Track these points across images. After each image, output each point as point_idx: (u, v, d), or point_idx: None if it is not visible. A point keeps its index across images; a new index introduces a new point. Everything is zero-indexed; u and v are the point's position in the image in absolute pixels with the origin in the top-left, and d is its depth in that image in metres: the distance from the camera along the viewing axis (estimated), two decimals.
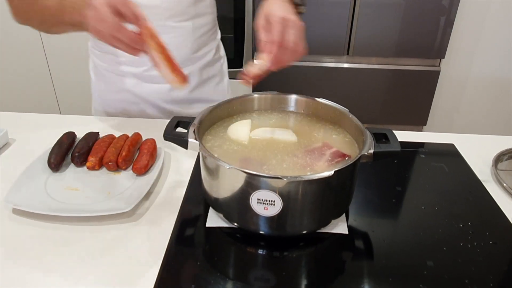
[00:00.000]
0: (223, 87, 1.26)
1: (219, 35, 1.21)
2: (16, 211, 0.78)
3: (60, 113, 2.40)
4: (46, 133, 1.01)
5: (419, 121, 2.38)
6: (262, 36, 0.80)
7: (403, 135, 1.07)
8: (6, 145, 1.00)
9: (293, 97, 0.90)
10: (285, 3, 0.82)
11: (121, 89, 1.15)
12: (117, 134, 0.97)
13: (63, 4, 0.82)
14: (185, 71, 1.09)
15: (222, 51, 1.25)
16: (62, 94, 2.34)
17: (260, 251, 0.72)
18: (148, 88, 1.12)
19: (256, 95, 0.90)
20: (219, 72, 1.23)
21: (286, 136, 0.82)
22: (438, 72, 2.22)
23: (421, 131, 2.41)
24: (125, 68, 1.11)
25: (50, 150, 0.90)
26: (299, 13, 0.86)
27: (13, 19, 0.93)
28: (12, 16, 0.93)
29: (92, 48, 1.18)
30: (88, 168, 0.88)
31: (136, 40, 0.73)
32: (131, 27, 0.73)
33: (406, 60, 2.22)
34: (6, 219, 0.76)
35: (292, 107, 0.91)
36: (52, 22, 0.88)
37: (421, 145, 1.05)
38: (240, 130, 0.83)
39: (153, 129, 1.06)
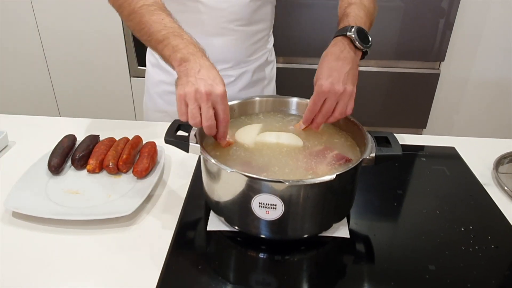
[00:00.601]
0: (270, 90, 1.28)
1: (272, 41, 1.23)
2: (16, 215, 0.77)
3: (60, 116, 2.40)
4: (46, 135, 1.01)
5: (419, 124, 2.38)
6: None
7: (404, 138, 1.07)
8: (6, 147, 0.99)
9: (294, 100, 0.90)
10: (339, 62, 0.78)
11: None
12: (117, 137, 0.97)
13: (168, 40, 0.75)
14: (239, 71, 1.14)
15: (273, 56, 1.27)
16: (61, 96, 2.34)
17: (261, 255, 0.72)
18: None
19: (257, 98, 0.90)
20: (269, 75, 1.25)
21: (292, 140, 0.82)
22: (438, 75, 2.22)
23: (421, 133, 2.41)
24: None
25: (50, 153, 0.90)
26: (364, 55, 0.83)
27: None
28: None
29: None
30: (88, 171, 0.88)
31: (211, 132, 0.73)
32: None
33: (405, 63, 2.22)
34: (6, 223, 0.76)
35: (293, 110, 0.90)
36: (143, 38, 0.82)
37: (421, 148, 1.05)
38: (248, 133, 0.83)
39: (154, 132, 1.05)
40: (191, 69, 0.71)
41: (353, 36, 0.79)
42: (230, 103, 0.87)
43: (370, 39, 0.81)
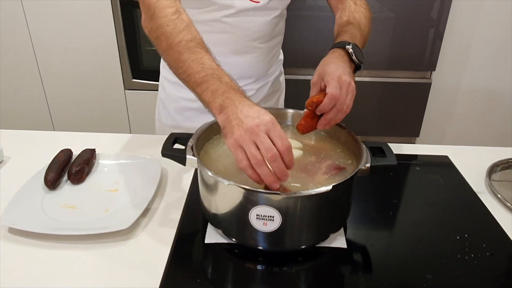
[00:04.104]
0: (282, 102, 1.31)
1: (281, 52, 1.26)
2: (12, 230, 0.77)
3: (54, 129, 2.39)
4: (42, 150, 1.01)
5: (411, 133, 2.40)
6: (313, 91, 0.81)
7: (398, 148, 1.08)
8: (1, 162, 0.99)
9: (290, 112, 0.91)
10: (341, 63, 0.80)
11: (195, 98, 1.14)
12: (113, 151, 0.97)
13: (208, 84, 0.71)
14: (259, 85, 1.15)
15: (282, 67, 1.30)
16: (55, 109, 2.33)
17: (259, 267, 0.72)
18: None
19: None
20: (281, 86, 1.28)
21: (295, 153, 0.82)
22: (429, 84, 2.25)
23: (414, 142, 2.43)
24: None
25: (46, 167, 0.90)
26: (356, 71, 0.86)
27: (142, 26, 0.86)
28: (142, 25, 0.86)
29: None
30: None
31: (279, 167, 0.65)
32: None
33: (397, 73, 2.25)
34: (2, 238, 0.76)
35: (289, 121, 0.91)
36: (181, 77, 0.77)
37: (415, 157, 1.06)
38: None
39: (150, 145, 1.06)
40: (232, 114, 0.66)
41: (351, 50, 0.83)
42: None
43: (363, 57, 0.85)
